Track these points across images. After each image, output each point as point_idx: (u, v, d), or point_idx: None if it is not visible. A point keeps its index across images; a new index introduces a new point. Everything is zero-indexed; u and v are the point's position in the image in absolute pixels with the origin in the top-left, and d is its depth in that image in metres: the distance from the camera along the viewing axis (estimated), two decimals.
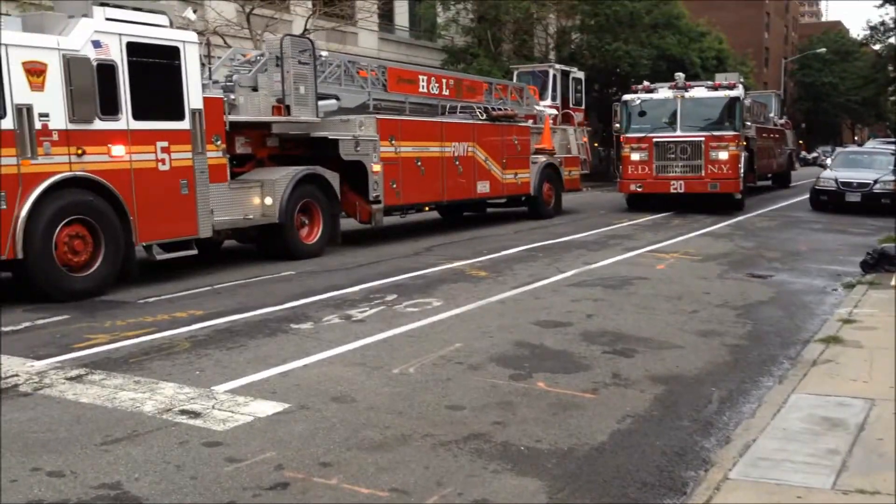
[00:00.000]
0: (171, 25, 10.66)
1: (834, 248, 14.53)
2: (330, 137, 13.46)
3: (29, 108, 8.99)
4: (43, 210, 9.15)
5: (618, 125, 21.90)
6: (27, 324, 8.46)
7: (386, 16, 32.62)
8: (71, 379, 6.43)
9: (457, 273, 11.71)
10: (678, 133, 20.43)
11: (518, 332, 8.09)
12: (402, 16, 34.94)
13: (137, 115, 10.12)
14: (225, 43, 20.22)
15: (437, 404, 5.92)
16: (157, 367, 6.81)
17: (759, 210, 22.42)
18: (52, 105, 9.22)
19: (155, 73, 10.37)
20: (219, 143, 11.37)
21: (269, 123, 12.87)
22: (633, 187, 20.93)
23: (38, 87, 9.06)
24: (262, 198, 12.36)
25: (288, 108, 12.67)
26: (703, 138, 20.17)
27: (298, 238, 12.94)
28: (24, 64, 8.91)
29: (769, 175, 30.32)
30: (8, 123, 8.82)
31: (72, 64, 9.35)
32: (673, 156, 20.33)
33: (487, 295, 9.94)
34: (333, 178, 13.44)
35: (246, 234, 12.72)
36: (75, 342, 7.61)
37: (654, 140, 20.55)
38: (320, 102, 13.24)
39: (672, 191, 20.47)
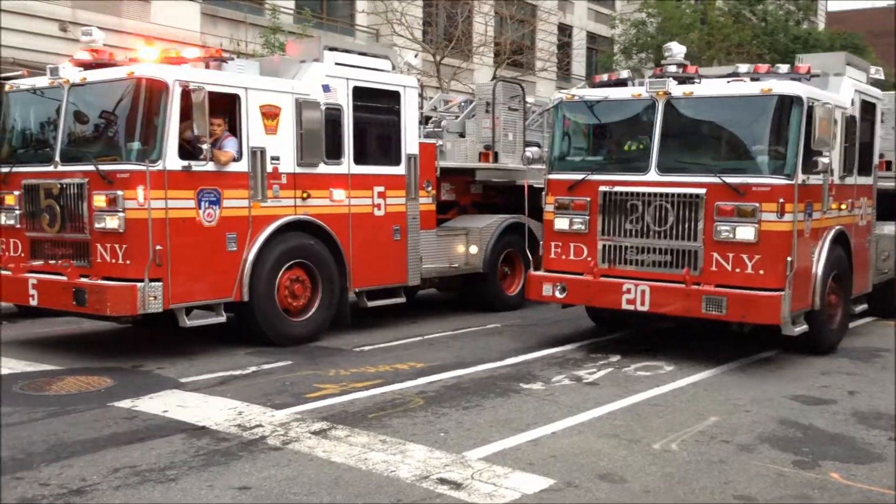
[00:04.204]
0: (393, 69, 10.59)
1: None
2: (536, 186, 13.01)
3: (262, 151, 9.02)
4: (269, 253, 9.11)
5: (530, 155, 10.62)
6: (254, 368, 8.36)
7: (564, 65, 32.35)
8: (316, 433, 6.13)
9: (672, 334, 10.88)
10: (650, 175, 8.82)
11: (776, 407, 7.23)
12: (578, 64, 34.59)
13: (358, 160, 10.04)
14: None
15: (721, 492, 5.20)
16: (398, 424, 6.43)
17: None
18: (282, 148, 9.22)
19: (376, 118, 10.29)
20: (430, 189, 11.17)
21: (473, 170, 12.59)
22: (548, 289, 9.48)
23: (271, 130, 9.10)
24: (467, 246, 12.04)
25: (496, 154, 12.36)
26: (702, 190, 8.54)
27: (501, 289, 12.52)
28: (261, 107, 8.97)
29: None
30: (243, 166, 8.88)
31: (303, 107, 9.35)
32: (636, 226, 8.90)
33: (719, 361, 9.07)
34: (537, 229, 12.95)
35: (449, 283, 12.41)
36: (307, 391, 7.39)
37: (602, 189, 9.09)
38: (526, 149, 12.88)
39: (625, 305, 8.90)
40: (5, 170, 9.18)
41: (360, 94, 10.03)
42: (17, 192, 9.08)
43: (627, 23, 34.00)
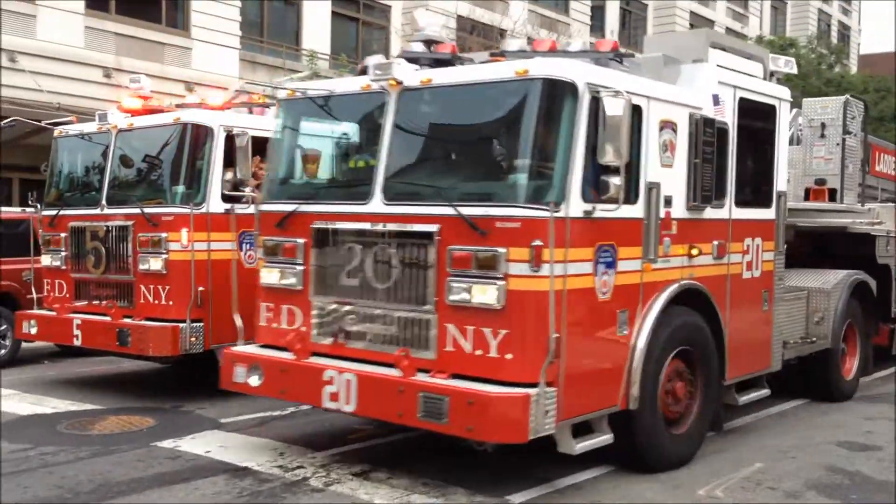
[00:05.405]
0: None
1: None
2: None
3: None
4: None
5: (242, 173, 7.78)
6: (292, 409, 8.31)
7: None
8: (357, 475, 6.13)
9: None
10: (373, 205, 5.96)
11: (821, 454, 7.11)
12: None
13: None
14: None
15: None
16: (439, 466, 6.40)
17: None
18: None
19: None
20: None
21: None
22: (239, 374, 6.39)
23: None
24: None
25: None
26: (433, 227, 5.64)
27: None
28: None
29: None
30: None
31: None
32: (355, 280, 6.02)
33: (760, 406, 8.90)
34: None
35: None
36: (346, 432, 7.38)
37: (314, 226, 6.22)
38: None
39: (327, 403, 5.86)
40: (53, 213, 9.39)
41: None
42: (63, 235, 9.27)
43: None
